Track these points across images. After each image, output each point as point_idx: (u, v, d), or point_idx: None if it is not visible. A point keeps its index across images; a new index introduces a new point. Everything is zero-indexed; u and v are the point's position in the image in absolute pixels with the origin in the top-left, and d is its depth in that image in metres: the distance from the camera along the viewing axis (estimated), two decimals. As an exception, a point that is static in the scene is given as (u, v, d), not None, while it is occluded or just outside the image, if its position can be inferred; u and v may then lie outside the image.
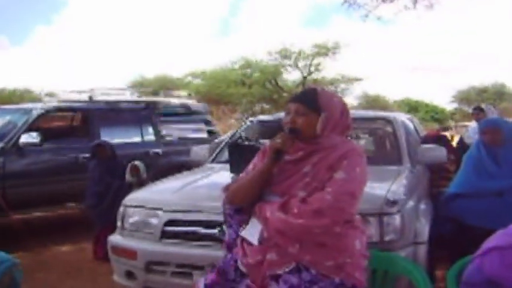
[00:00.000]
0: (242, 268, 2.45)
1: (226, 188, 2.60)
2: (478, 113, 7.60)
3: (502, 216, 3.72)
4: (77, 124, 8.84)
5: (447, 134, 9.39)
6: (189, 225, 3.75)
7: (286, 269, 2.31)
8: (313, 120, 2.42)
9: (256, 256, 2.37)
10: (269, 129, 5.68)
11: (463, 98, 53.36)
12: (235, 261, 2.50)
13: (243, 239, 2.47)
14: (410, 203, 3.79)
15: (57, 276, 5.54)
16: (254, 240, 2.40)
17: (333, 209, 2.25)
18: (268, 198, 2.44)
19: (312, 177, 2.37)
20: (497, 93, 50.96)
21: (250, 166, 2.63)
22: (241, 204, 2.53)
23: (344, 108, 2.54)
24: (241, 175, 2.63)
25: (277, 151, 2.39)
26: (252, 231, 2.43)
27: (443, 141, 5.87)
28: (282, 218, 2.31)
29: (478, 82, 53.26)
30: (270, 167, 2.43)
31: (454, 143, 8.19)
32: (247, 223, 2.50)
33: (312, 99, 2.45)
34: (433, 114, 53.29)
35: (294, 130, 2.41)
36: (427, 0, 11.22)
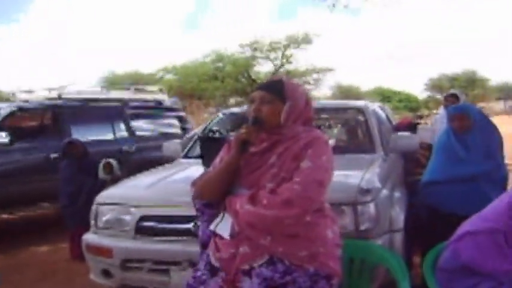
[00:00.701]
0: (215, 263, 2.42)
1: (194, 183, 2.57)
2: (454, 100, 7.36)
3: (474, 202, 3.76)
4: (47, 122, 8.66)
5: (422, 122, 9.41)
6: (163, 221, 3.71)
7: (260, 262, 2.29)
8: (278, 108, 2.41)
9: (229, 250, 2.35)
10: (241, 122, 5.66)
11: (435, 85, 54.10)
12: (207, 257, 2.48)
13: (215, 234, 2.45)
14: (384, 191, 3.78)
15: (33, 277, 5.49)
16: (225, 234, 2.38)
17: (302, 198, 2.24)
18: (237, 191, 2.43)
19: (278, 167, 2.36)
20: (468, 81, 51.75)
21: (217, 160, 2.61)
22: (210, 198, 2.51)
23: (308, 99, 2.54)
24: (208, 169, 2.60)
25: (242, 143, 2.38)
26: (223, 225, 2.41)
27: (415, 129, 5.90)
28: (251, 210, 2.29)
29: (449, 70, 54.12)
30: (237, 160, 2.42)
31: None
32: (218, 217, 2.47)
33: (278, 88, 2.45)
34: (406, 102, 53.78)
35: (257, 120, 2.39)
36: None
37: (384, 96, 51.67)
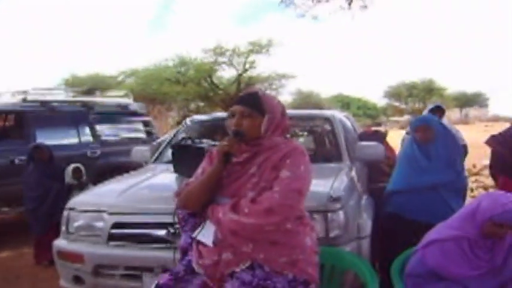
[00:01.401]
0: (198, 269, 2.50)
1: (178, 193, 2.65)
2: (441, 115, 7.22)
3: (436, 211, 3.93)
4: (11, 126, 8.56)
5: (381, 129, 9.55)
6: (136, 228, 3.73)
7: (243, 267, 2.40)
8: (257, 121, 2.53)
9: (212, 257, 2.44)
10: (208, 129, 5.73)
11: (394, 93, 55.05)
12: (189, 262, 2.56)
13: (198, 242, 2.53)
14: (352, 199, 3.91)
15: (-4, 284, 5.41)
16: (209, 241, 2.47)
17: (282, 206, 2.34)
18: (219, 201, 2.52)
19: (258, 177, 2.47)
20: (426, 89, 52.82)
21: (199, 170, 2.70)
22: (194, 208, 2.59)
23: (283, 110, 2.66)
24: (190, 180, 2.68)
25: (225, 154, 2.48)
26: (206, 233, 2.50)
27: (379, 137, 6.02)
28: (234, 218, 2.38)
29: (408, 78, 55.16)
30: (220, 170, 2.52)
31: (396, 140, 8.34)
32: (200, 225, 2.56)
33: (256, 102, 2.56)
34: (365, 109, 54.56)
35: (239, 133, 2.50)
36: (362, 1, 11.48)
37: (344, 102, 52.33)
